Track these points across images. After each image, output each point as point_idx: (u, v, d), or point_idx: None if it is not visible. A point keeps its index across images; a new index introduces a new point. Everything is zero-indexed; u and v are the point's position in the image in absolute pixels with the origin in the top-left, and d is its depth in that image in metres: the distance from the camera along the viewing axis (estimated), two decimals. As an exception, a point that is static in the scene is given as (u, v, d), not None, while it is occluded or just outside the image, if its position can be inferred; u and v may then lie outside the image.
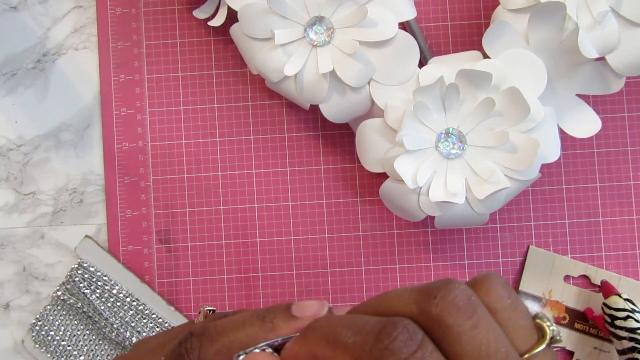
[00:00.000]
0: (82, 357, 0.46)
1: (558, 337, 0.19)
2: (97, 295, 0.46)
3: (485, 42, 0.39)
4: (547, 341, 0.19)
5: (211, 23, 0.44)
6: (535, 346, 0.19)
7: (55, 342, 0.46)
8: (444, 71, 0.39)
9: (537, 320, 0.19)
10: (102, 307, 0.46)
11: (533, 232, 0.46)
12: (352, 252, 0.47)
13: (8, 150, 0.48)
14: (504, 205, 0.41)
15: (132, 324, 0.46)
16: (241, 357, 0.22)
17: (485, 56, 0.39)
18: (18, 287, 0.47)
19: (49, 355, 0.46)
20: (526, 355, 0.18)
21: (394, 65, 0.39)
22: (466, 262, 0.46)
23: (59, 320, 0.46)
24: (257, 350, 0.22)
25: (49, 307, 0.47)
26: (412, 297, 0.19)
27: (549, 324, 0.19)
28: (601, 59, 0.39)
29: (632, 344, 0.41)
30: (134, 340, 0.46)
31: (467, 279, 0.20)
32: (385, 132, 0.39)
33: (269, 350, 0.22)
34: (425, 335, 0.18)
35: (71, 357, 0.46)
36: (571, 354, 0.46)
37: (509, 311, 0.19)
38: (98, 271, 0.46)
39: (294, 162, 0.47)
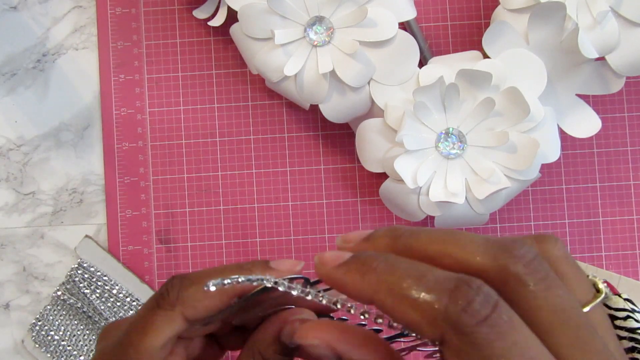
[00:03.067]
0: (82, 357, 0.46)
1: (610, 294, 0.20)
2: (97, 295, 0.46)
3: (485, 42, 0.39)
4: (602, 296, 0.20)
5: (211, 23, 0.44)
6: (592, 300, 0.20)
7: (55, 342, 0.46)
8: (444, 71, 0.39)
9: (591, 278, 0.21)
10: (102, 307, 0.46)
11: (533, 232, 0.46)
12: (352, 252, 0.46)
13: (8, 150, 0.48)
14: (504, 205, 0.41)
15: (132, 324, 0.46)
16: (211, 286, 0.22)
17: (485, 56, 0.39)
18: (18, 287, 0.47)
19: (49, 355, 0.46)
20: (586, 308, 0.20)
21: (394, 65, 0.39)
22: (466, 262, 0.46)
23: (59, 320, 0.46)
24: (227, 281, 0.22)
25: (49, 307, 0.47)
26: (488, 250, 0.19)
27: (601, 281, 0.21)
28: (601, 59, 0.39)
29: (632, 344, 0.41)
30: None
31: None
32: (385, 132, 0.39)
33: (242, 279, 0.22)
34: (500, 297, 0.18)
35: (71, 357, 0.46)
36: (571, 353, 0.46)
37: (571, 268, 0.20)
38: (98, 271, 0.46)
39: (294, 162, 0.47)
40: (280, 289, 0.23)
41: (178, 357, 0.27)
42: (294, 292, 0.23)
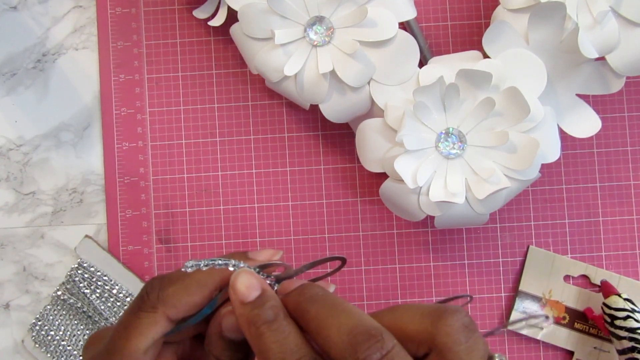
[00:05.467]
0: (81, 358, 0.46)
1: None
2: (97, 295, 0.46)
3: (485, 42, 0.39)
4: None
5: (211, 23, 0.44)
6: None
7: (55, 342, 0.46)
8: (444, 71, 0.39)
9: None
10: (102, 307, 0.46)
11: (533, 232, 0.46)
12: (352, 252, 0.47)
13: (8, 150, 0.48)
14: (504, 205, 0.41)
15: (132, 324, 0.46)
16: (189, 267, 0.23)
17: (485, 56, 0.39)
18: (18, 287, 0.47)
19: (49, 355, 0.46)
20: None
21: (394, 65, 0.39)
22: (466, 262, 0.46)
23: (59, 320, 0.46)
24: (204, 262, 0.23)
25: (49, 307, 0.47)
26: (426, 312, 0.23)
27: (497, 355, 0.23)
28: (601, 59, 0.39)
29: (632, 343, 0.41)
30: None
31: (467, 279, 0.23)
32: (385, 132, 0.39)
33: (220, 262, 0.24)
34: (397, 343, 0.22)
35: (71, 357, 0.46)
36: (571, 353, 0.46)
37: (467, 350, 0.23)
38: (98, 271, 0.46)
39: (294, 162, 0.47)
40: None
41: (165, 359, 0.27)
42: (267, 280, 0.24)
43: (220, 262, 0.24)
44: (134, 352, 0.25)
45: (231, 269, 0.24)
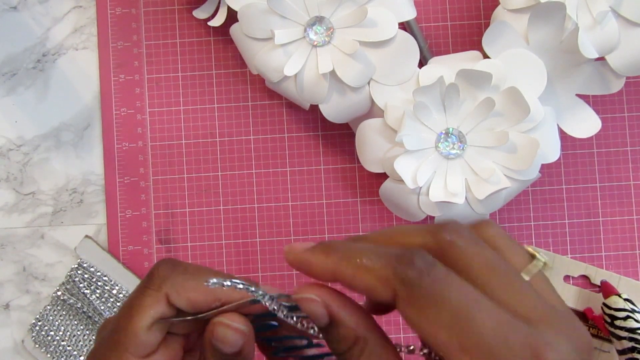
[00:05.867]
0: (82, 357, 0.46)
1: (546, 261, 0.23)
2: (97, 295, 0.46)
3: (485, 42, 0.39)
4: (536, 261, 0.23)
5: (211, 23, 0.44)
6: (528, 264, 0.23)
7: (55, 342, 0.46)
8: (444, 71, 0.39)
9: (529, 249, 0.23)
10: (102, 307, 0.46)
11: (533, 232, 0.46)
12: (352, 252, 0.46)
13: (8, 150, 0.48)
14: (504, 205, 0.41)
15: (132, 324, 0.46)
16: (211, 283, 0.23)
17: (485, 56, 0.39)
18: (18, 287, 0.47)
19: (48, 355, 0.46)
20: (522, 272, 0.22)
21: (394, 65, 0.39)
22: (466, 262, 0.46)
23: (59, 320, 0.46)
24: (227, 283, 0.23)
25: (48, 307, 0.47)
26: (425, 230, 0.23)
27: (538, 251, 0.23)
28: (601, 59, 0.39)
29: (632, 344, 0.41)
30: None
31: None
32: (385, 132, 0.39)
33: (241, 286, 0.24)
34: (437, 260, 0.21)
35: (71, 357, 0.46)
36: (571, 354, 0.46)
37: (505, 241, 0.23)
38: (98, 271, 0.46)
39: (294, 162, 0.47)
40: (267, 303, 0.24)
41: (171, 348, 0.27)
42: (279, 315, 0.24)
43: (240, 286, 0.24)
44: (135, 329, 0.25)
45: (250, 293, 0.24)
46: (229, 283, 0.23)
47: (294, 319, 0.24)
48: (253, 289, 0.24)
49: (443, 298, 0.20)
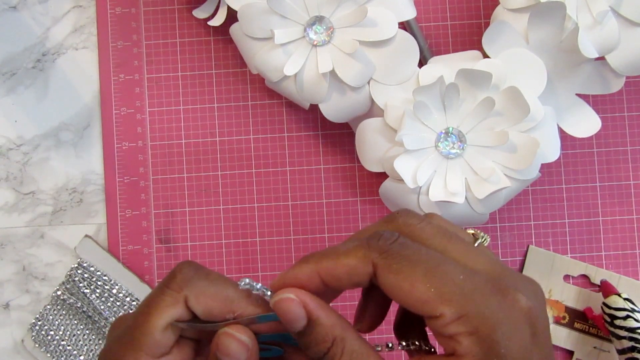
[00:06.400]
0: (82, 357, 0.46)
1: (486, 238, 0.27)
2: (97, 294, 0.46)
3: (485, 42, 0.39)
4: (480, 239, 0.26)
5: (211, 23, 0.44)
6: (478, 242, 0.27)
7: (55, 342, 0.46)
8: (444, 71, 0.39)
9: (470, 231, 0.27)
10: (102, 307, 0.46)
11: (533, 231, 0.46)
12: (352, 252, 0.46)
13: (8, 150, 0.48)
14: (504, 204, 0.41)
15: (132, 324, 0.46)
16: (243, 284, 0.25)
17: (485, 56, 0.39)
18: (18, 286, 0.47)
19: (48, 355, 0.46)
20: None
21: (394, 65, 0.39)
22: (466, 261, 0.46)
23: (59, 320, 0.46)
24: (258, 286, 0.25)
25: (48, 306, 0.47)
26: (383, 221, 0.26)
27: (480, 232, 0.27)
28: (601, 58, 0.39)
29: (631, 343, 0.41)
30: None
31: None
32: (385, 131, 0.39)
33: (269, 293, 0.25)
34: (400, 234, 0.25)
35: (71, 357, 0.46)
36: (571, 353, 0.46)
37: (452, 225, 0.26)
38: (98, 271, 0.46)
39: (294, 162, 0.47)
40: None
41: (184, 352, 0.27)
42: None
43: (269, 293, 0.25)
44: (152, 328, 0.25)
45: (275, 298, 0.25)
46: (259, 286, 0.25)
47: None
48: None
49: (415, 257, 0.23)
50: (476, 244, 0.26)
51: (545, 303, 0.24)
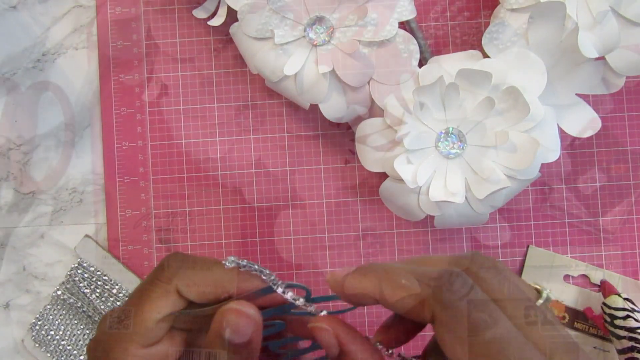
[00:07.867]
0: (82, 357, 0.46)
1: (551, 296, 0.25)
2: (97, 294, 0.46)
3: (485, 42, 0.39)
4: (544, 297, 0.24)
5: (211, 22, 0.44)
6: (536, 300, 0.24)
7: (55, 342, 0.46)
8: (444, 71, 0.39)
9: (536, 286, 0.25)
10: (102, 307, 0.46)
11: (533, 231, 0.46)
12: (352, 252, 0.47)
13: (8, 149, 0.48)
14: (504, 204, 0.41)
15: (132, 324, 0.46)
16: (228, 262, 0.25)
17: (485, 56, 0.39)
18: (18, 286, 0.47)
19: (49, 355, 0.46)
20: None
21: (394, 65, 0.39)
22: (466, 261, 0.46)
23: (59, 320, 0.46)
24: (243, 263, 0.25)
25: (48, 306, 0.47)
26: (451, 260, 0.24)
27: (545, 288, 0.25)
28: (601, 58, 0.39)
29: (631, 343, 0.41)
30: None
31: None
32: (385, 131, 0.39)
33: (257, 266, 0.26)
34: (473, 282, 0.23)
35: (71, 357, 0.46)
36: (571, 353, 0.46)
37: (516, 279, 0.24)
38: (98, 271, 0.46)
39: (293, 162, 0.47)
40: (279, 291, 0.26)
41: (175, 341, 0.27)
42: (293, 302, 0.26)
43: (257, 266, 0.25)
44: (146, 319, 0.26)
45: (264, 277, 0.26)
46: (244, 263, 0.25)
47: (300, 300, 0.26)
48: (268, 271, 0.25)
49: (478, 324, 0.21)
50: (538, 303, 0.24)
51: None
